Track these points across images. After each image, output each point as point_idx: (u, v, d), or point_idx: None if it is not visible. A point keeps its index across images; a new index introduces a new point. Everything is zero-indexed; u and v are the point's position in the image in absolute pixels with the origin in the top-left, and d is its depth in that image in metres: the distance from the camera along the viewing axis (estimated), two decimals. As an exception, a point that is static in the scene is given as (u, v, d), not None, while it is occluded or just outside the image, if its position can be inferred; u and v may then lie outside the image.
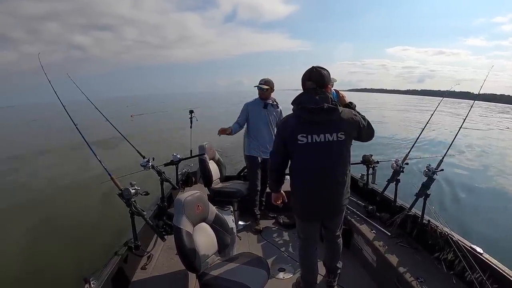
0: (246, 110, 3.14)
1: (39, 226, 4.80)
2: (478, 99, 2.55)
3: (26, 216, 5.31)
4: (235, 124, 3.16)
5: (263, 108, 3.07)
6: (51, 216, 5.25)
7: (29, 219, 5.11)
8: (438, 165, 2.09)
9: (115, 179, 2.06)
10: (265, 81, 3.02)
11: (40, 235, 4.43)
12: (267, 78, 3.04)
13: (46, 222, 4.94)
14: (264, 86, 3.00)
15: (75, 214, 5.22)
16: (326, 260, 2.10)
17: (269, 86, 3.03)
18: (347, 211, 2.68)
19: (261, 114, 3.08)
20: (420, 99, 75.69)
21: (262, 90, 3.02)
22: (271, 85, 3.04)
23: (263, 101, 3.07)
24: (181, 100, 60.29)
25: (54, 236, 4.38)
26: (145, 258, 2.16)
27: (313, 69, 1.73)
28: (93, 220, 4.88)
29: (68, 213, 5.32)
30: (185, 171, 3.81)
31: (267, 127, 3.10)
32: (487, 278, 1.57)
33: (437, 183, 2.13)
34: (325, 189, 1.74)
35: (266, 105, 3.07)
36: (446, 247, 1.88)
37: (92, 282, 1.56)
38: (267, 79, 3.04)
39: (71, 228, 4.59)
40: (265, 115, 3.08)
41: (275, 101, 3.12)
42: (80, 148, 7.34)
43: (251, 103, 3.15)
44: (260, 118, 3.09)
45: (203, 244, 1.74)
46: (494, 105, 64.70)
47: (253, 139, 3.13)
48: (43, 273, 3.49)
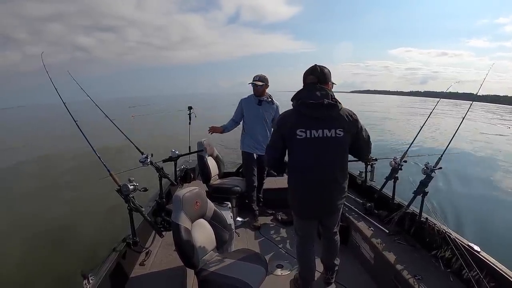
0: (240, 107, 3.13)
1: (36, 222, 4.79)
2: (482, 100, 2.55)
3: (23, 212, 5.31)
4: (230, 121, 3.16)
5: (257, 104, 3.04)
6: (49, 212, 5.24)
7: (26, 216, 5.11)
8: (437, 163, 2.09)
9: (114, 175, 2.05)
10: (259, 77, 2.98)
11: (38, 231, 4.42)
12: (261, 74, 3.01)
13: (44, 219, 4.93)
14: (258, 82, 2.97)
15: (74, 210, 5.22)
16: (324, 257, 2.12)
17: (263, 83, 2.99)
18: (345, 208, 2.69)
19: (255, 111, 3.06)
20: (423, 100, 75.23)
21: (257, 86, 2.99)
22: (266, 81, 3.00)
23: (258, 97, 3.04)
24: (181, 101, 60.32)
25: (52, 232, 4.37)
26: (144, 254, 2.16)
27: (315, 65, 1.75)
28: (91, 216, 4.89)
29: (66, 209, 5.31)
30: (184, 167, 3.80)
31: (262, 124, 3.07)
32: (484, 276, 1.57)
33: (435, 181, 2.13)
34: (324, 186, 1.74)
35: (260, 102, 3.04)
36: (443, 245, 1.89)
37: (90, 278, 1.56)
38: (261, 75, 3.00)
39: (69, 224, 4.59)
40: (259, 112, 3.06)
41: (270, 98, 3.08)
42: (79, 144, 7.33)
43: (245, 100, 3.13)
44: (255, 115, 3.07)
45: (201, 240, 1.74)
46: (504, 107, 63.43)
47: (248, 136, 3.12)
48: (41, 269, 3.49)
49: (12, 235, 4.44)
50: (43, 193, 6.35)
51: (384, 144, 11.51)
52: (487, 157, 10.09)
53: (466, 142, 11.75)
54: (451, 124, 15.77)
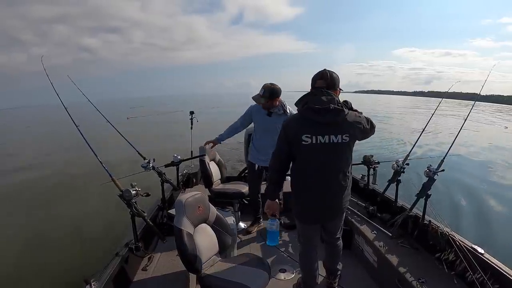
0: (249, 114, 2.87)
1: (39, 226, 4.80)
2: (485, 100, 2.55)
3: (26, 216, 5.32)
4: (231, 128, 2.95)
5: (267, 115, 2.75)
6: (52, 217, 5.25)
7: (29, 220, 5.12)
8: (439, 165, 2.08)
9: (116, 180, 2.07)
10: (263, 90, 2.63)
11: (40, 236, 4.43)
12: (268, 86, 2.64)
13: (46, 223, 4.94)
14: (260, 99, 2.65)
15: (76, 215, 5.22)
16: (326, 261, 2.10)
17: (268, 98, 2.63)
18: (347, 212, 2.68)
19: (264, 123, 2.78)
20: (427, 100, 74.69)
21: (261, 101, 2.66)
22: (274, 94, 2.62)
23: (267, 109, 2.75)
24: (183, 102, 60.31)
25: (54, 237, 4.37)
26: (146, 259, 2.16)
27: (325, 70, 1.73)
28: (93, 221, 4.88)
29: (68, 214, 5.32)
30: (186, 172, 3.81)
31: (270, 136, 2.67)
32: (488, 279, 1.56)
33: (438, 184, 2.12)
34: (328, 192, 1.73)
35: (270, 114, 2.74)
36: (447, 248, 1.88)
37: (93, 283, 1.56)
38: (267, 88, 2.63)
39: (71, 229, 4.59)
40: (269, 123, 2.75)
41: (282, 108, 2.71)
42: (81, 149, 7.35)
43: (255, 108, 2.83)
44: (264, 127, 2.80)
45: (204, 245, 1.74)
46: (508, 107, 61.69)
47: (254, 146, 2.94)
48: (44, 274, 3.49)
49: (13, 240, 4.45)
50: (43, 198, 6.36)
51: (386, 147, 11.48)
52: (490, 158, 10.02)
53: (469, 144, 11.68)
54: (454, 125, 15.73)
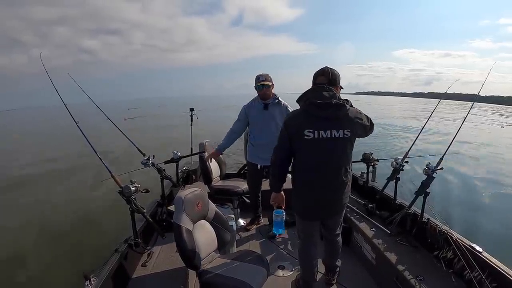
0: (244, 114, 2.78)
1: (39, 223, 4.82)
2: (484, 101, 2.55)
3: (26, 213, 5.33)
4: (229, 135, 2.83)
5: (264, 109, 2.69)
6: (51, 213, 5.27)
7: (29, 217, 5.13)
8: (438, 163, 2.08)
9: (115, 177, 2.07)
10: (264, 77, 2.60)
11: (40, 232, 4.44)
12: (265, 74, 2.63)
13: (46, 220, 4.96)
14: (266, 82, 2.59)
15: (76, 211, 5.24)
16: (325, 258, 2.11)
17: (271, 82, 2.64)
18: (347, 209, 2.69)
19: (262, 117, 2.71)
20: (428, 101, 74.37)
21: (264, 87, 2.60)
22: (272, 80, 2.65)
23: (263, 101, 2.68)
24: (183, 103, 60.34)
25: (54, 233, 4.39)
26: (145, 255, 2.17)
27: (326, 67, 1.73)
28: (93, 217, 4.90)
29: (68, 210, 5.34)
30: (186, 169, 3.81)
31: (271, 131, 2.64)
32: (486, 277, 1.57)
33: (436, 182, 2.12)
34: (329, 188, 1.73)
35: (266, 106, 2.68)
36: (445, 246, 1.89)
37: (92, 278, 1.57)
38: (265, 74, 2.62)
39: (71, 225, 4.61)
40: (267, 117, 2.69)
41: (276, 98, 2.70)
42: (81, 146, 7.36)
43: (249, 106, 2.76)
44: (262, 122, 2.72)
45: (203, 241, 1.74)
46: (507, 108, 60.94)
47: (253, 145, 2.84)
48: (43, 270, 3.50)
49: (13, 236, 4.46)
50: (43, 195, 6.37)
51: (385, 145, 11.49)
52: (489, 156, 10.04)
53: (468, 143, 11.69)
54: (453, 125, 15.75)
